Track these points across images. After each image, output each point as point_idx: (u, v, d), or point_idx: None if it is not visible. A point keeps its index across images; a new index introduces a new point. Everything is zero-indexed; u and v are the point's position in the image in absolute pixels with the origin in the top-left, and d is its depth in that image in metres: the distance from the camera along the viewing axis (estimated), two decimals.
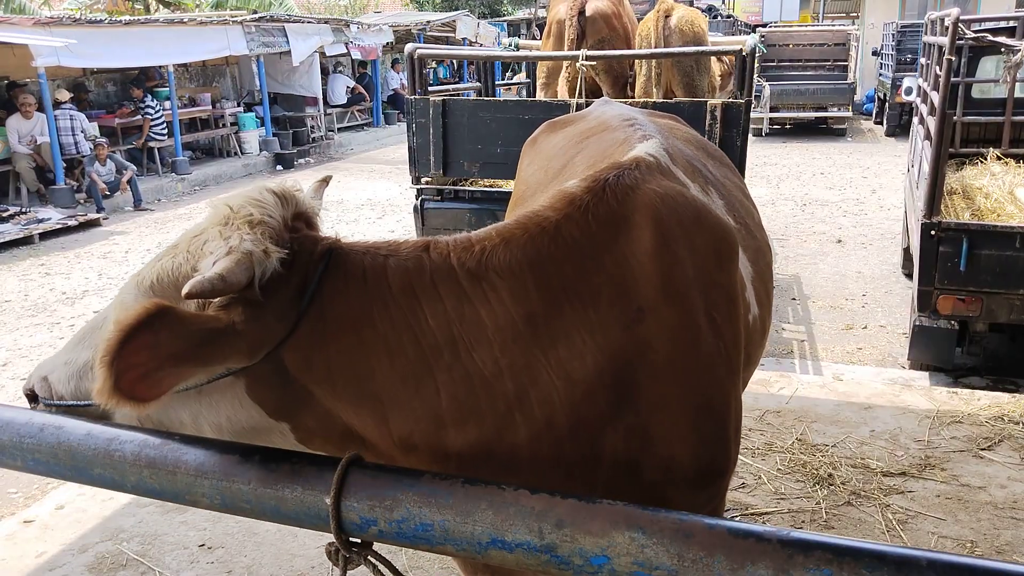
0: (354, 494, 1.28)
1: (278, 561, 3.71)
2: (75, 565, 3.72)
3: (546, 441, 1.50)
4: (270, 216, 1.45)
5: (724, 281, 1.78)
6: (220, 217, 1.45)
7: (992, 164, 7.39)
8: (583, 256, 1.56)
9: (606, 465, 1.55)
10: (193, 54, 15.58)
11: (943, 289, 5.44)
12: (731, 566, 1.09)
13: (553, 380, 1.49)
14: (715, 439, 1.66)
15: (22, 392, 1.68)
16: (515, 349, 1.47)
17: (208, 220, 1.48)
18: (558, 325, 1.50)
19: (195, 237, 1.47)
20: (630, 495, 1.56)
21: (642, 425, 1.56)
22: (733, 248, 1.86)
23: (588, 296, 1.53)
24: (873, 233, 10.26)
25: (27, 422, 1.48)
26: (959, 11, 5.77)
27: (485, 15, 32.37)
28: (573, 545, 1.16)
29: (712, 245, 1.76)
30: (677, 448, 1.59)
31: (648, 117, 2.66)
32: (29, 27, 12.18)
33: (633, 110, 2.77)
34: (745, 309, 1.95)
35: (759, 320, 2.13)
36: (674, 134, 2.51)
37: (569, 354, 1.50)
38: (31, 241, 10.95)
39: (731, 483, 4.16)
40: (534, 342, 1.48)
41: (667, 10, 7.49)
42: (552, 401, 1.49)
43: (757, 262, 2.22)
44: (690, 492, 1.63)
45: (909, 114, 13.89)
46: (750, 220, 2.39)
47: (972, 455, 4.43)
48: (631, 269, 1.57)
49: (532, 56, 7.94)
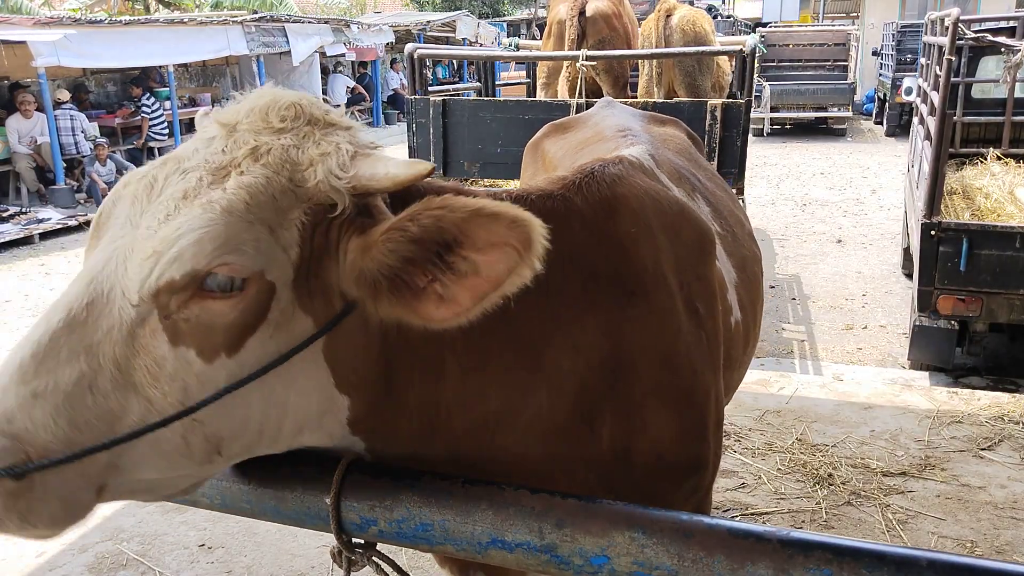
0: (354, 494, 1.28)
1: (278, 561, 3.71)
2: (75, 565, 3.72)
3: (560, 409, 1.50)
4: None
5: (706, 275, 1.84)
6: (271, 126, 1.22)
7: (992, 164, 7.39)
8: (584, 226, 1.59)
9: (604, 444, 1.56)
10: (193, 54, 15.58)
11: (943, 289, 5.44)
12: (731, 566, 1.09)
13: (564, 343, 1.50)
14: (695, 428, 1.68)
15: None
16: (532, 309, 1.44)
17: (248, 132, 1.22)
18: (565, 290, 1.51)
19: (252, 151, 1.19)
20: (624, 478, 1.58)
21: (635, 407, 1.58)
22: (713, 246, 1.94)
23: (588, 269, 1.55)
24: (873, 233, 10.26)
25: None
26: (959, 11, 5.77)
27: (485, 15, 32.37)
28: (573, 545, 1.16)
29: (695, 239, 1.84)
30: (665, 432, 1.62)
31: (645, 127, 2.69)
32: (29, 27, 12.18)
33: (631, 119, 2.80)
34: (726, 310, 2.00)
35: (741, 325, 2.16)
36: (667, 144, 2.56)
37: (573, 317, 1.51)
38: (31, 241, 10.95)
39: (731, 483, 4.18)
40: (545, 302, 1.47)
41: (668, 10, 7.50)
42: (561, 367, 1.49)
43: (743, 269, 2.27)
44: (675, 481, 1.67)
45: (909, 114, 13.89)
46: (739, 229, 2.44)
47: (972, 455, 4.43)
48: (624, 251, 1.61)
49: (532, 56, 7.94)
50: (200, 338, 1.12)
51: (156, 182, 1.17)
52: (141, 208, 1.15)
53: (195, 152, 1.21)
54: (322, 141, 1.22)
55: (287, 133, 1.22)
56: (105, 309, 1.11)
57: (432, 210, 1.14)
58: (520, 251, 1.11)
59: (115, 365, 1.10)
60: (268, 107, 1.24)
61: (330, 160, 1.19)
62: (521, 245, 1.10)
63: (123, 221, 1.16)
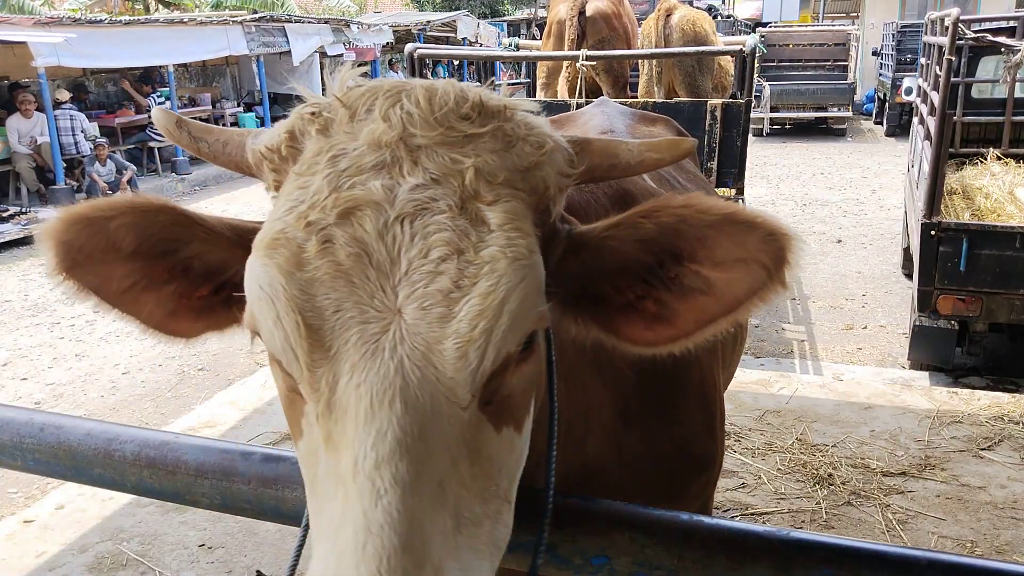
0: None
1: (278, 561, 3.71)
2: (75, 565, 3.72)
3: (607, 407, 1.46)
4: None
5: None
6: (460, 131, 0.96)
7: (992, 164, 7.39)
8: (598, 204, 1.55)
9: (636, 440, 1.53)
10: (193, 54, 15.59)
11: (943, 289, 5.44)
12: (731, 566, 1.09)
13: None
14: (710, 421, 1.69)
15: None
16: None
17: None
18: None
19: (477, 172, 0.92)
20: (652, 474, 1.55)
21: (660, 403, 1.56)
22: None
23: None
24: (873, 233, 10.26)
25: (27, 422, 1.48)
26: (959, 11, 5.77)
27: (485, 15, 32.37)
28: (573, 545, 1.16)
29: None
30: (685, 427, 1.61)
31: (631, 127, 2.69)
32: (29, 27, 12.19)
33: (617, 119, 2.80)
34: None
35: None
36: None
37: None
38: (31, 241, 10.94)
39: (731, 483, 4.18)
40: None
41: (668, 9, 7.50)
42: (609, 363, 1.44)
43: None
44: (697, 474, 1.67)
45: (909, 114, 13.89)
46: None
47: (972, 455, 4.43)
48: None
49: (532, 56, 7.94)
50: (515, 410, 0.95)
51: (370, 249, 0.87)
52: (382, 291, 0.86)
53: (388, 191, 0.89)
54: (529, 136, 0.99)
55: (485, 137, 0.96)
56: (434, 437, 0.84)
57: (676, 208, 0.96)
58: (770, 270, 0.94)
59: (466, 491, 0.87)
60: (440, 107, 0.96)
61: (556, 156, 1.00)
62: (773, 263, 0.94)
63: (359, 323, 0.85)
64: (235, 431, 4.98)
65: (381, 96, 0.98)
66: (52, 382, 6.45)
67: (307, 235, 0.87)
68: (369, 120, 0.96)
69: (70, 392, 6.25)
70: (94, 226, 1.00)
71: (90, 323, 7.76)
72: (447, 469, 0.84)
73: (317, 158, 0.94)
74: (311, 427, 0.89)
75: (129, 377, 6.50)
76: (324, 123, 0.98)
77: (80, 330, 7.60)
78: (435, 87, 0.99)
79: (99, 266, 1.03)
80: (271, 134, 1.03)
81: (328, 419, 0.85)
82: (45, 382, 6.46)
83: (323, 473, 0.87)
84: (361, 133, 0.95)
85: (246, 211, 12.44)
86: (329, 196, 0.89)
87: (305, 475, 0.93)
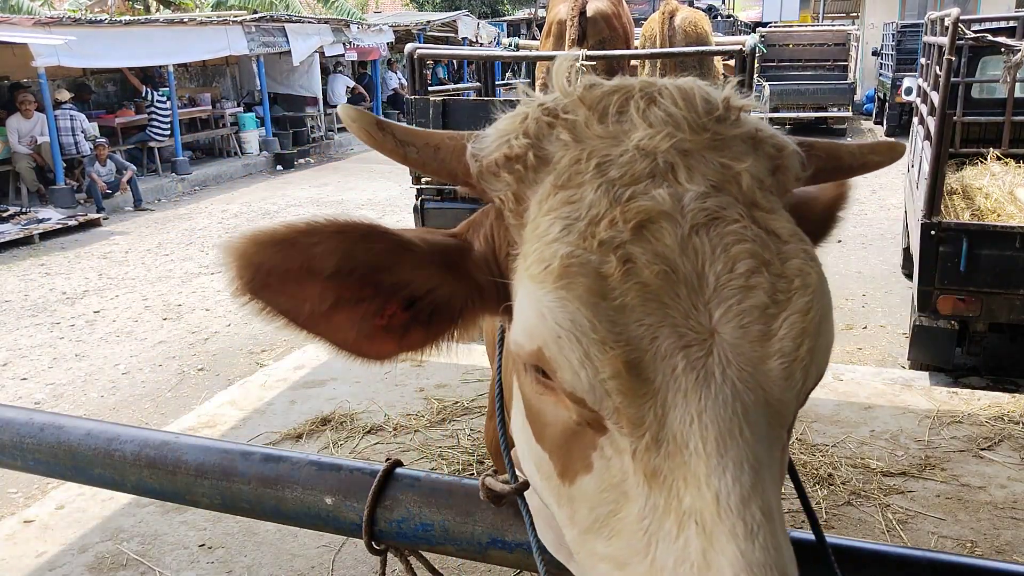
0: (354, 495, 1.28)
1: (278, 561, 3.71)
2: (75, 565, 3.72)
3: None
4: None
5: None
6: (708, 132, 0.91)
7: (992, 164, 7.39)
8: None
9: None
10: (193, 54, 15.59)
11: (943, 289, 5.44)
12: None
13: None
14: None
15: None
16: None
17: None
18: None
19: (754, 179, 0.89)
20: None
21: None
22: None
23: None
24: (873, 233, 10.25)
25: (27, 422, 1.48)
26: (959, 11, 5.77)
27: (485, 15, 32.37)
28: None
29: None
30: None
31: None
32: (29, 27, 12.19)
33: None
34: None
35: None
36: None
37: None
38: (31, 241, 10.95)
39: None
40: None
41: (672, 10, 7.51)
42: None
43: None
44: None
45: (909, 114, 13.88)
46: None
47: (972, 455, 4.43)
48: None
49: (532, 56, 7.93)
50: (791, 428, 1.00)
51: (675, 265, 0.80)
52: (695, 310, 0.80)
53: (676, 200, 0.83)
54: (769, 138, 0.95)
55: (738, 140, 0.92)
56: (771, 463, 0.82)
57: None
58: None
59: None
60: (702, 110, 0.91)
61: (794, 160, 0.96)
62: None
63: (681, 348, 0.79)
64: (235, 431, 4.98)
65: (635, 96, 0.92)
66: (52, 382, 6.45)
67: (603, 256, 0.79)
68: (624, 122, 0.90)
69: (70, 392, 6.25)
70: (294, 249, 0.90)
71: (90, 323, 7.77)
72: (776, 496, 0.82)
73: (579, 167, 0.86)
74: (612, 462, 0.82)
75: (129, 377, 6.50)
76: (571, 126, 0.90)
77: (80, 330, 7.60)
78: (685, 86, 0.94)
79: (293, 287, 0.92)
80: (500, 139, 0.96)
81: (655, 453, 0.78)
82: (45, 382, 6.46)
83: (642, 512, 0.79)
84: (624, 137, 0.88)
85: (246, 211, 12.46)
86: (612, 209, 0.82)
87: (588, 514, 0.85)
